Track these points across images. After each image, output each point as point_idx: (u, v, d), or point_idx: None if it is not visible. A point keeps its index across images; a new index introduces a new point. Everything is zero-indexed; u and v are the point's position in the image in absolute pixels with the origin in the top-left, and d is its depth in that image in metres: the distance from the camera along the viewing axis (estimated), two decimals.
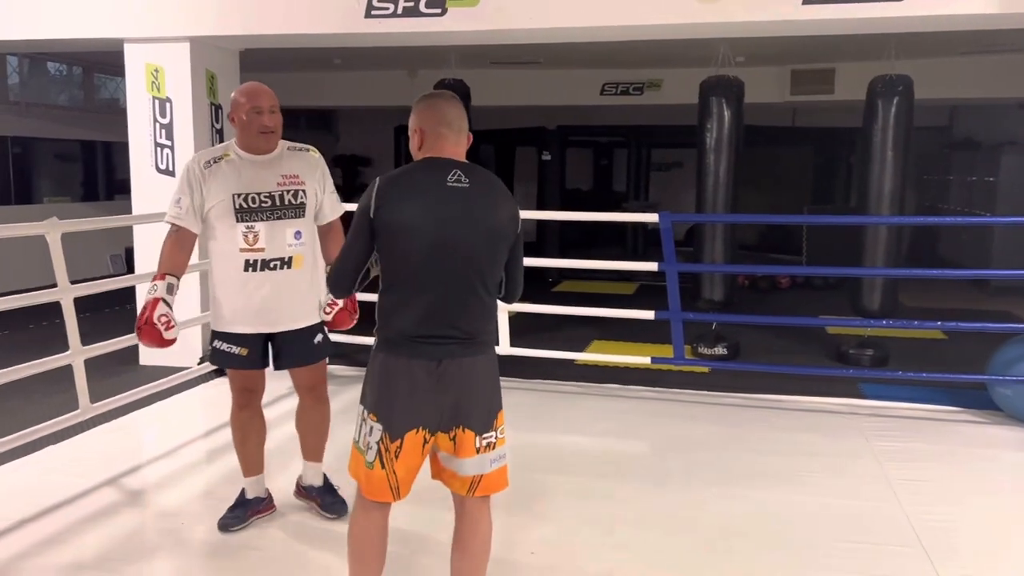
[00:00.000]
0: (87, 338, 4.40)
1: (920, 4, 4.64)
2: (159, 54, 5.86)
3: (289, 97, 12.69)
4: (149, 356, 5.92)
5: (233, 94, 3.17)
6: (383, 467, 2.31)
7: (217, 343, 3.19)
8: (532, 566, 3.12)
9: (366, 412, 2.35)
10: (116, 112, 10.26)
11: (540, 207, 10.81)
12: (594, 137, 13.07)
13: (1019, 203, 9.66)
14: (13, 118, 10.07)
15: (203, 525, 3.49)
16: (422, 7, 5.24)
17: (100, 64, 11.14)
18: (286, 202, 3.13)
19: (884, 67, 6.19)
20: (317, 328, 3.28)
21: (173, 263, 3.03)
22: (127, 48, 5.93)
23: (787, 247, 11.72)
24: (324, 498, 3.48)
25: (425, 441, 2.31)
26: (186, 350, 5.53)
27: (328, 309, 3.26)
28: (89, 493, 3.74)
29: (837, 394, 5.49)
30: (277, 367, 3.26)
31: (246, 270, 3.09)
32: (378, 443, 2.31)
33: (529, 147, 11.79)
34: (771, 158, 13.17)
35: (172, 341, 2.92)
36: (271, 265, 3.10)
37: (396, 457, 2.30)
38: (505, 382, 2.48)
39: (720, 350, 6.44)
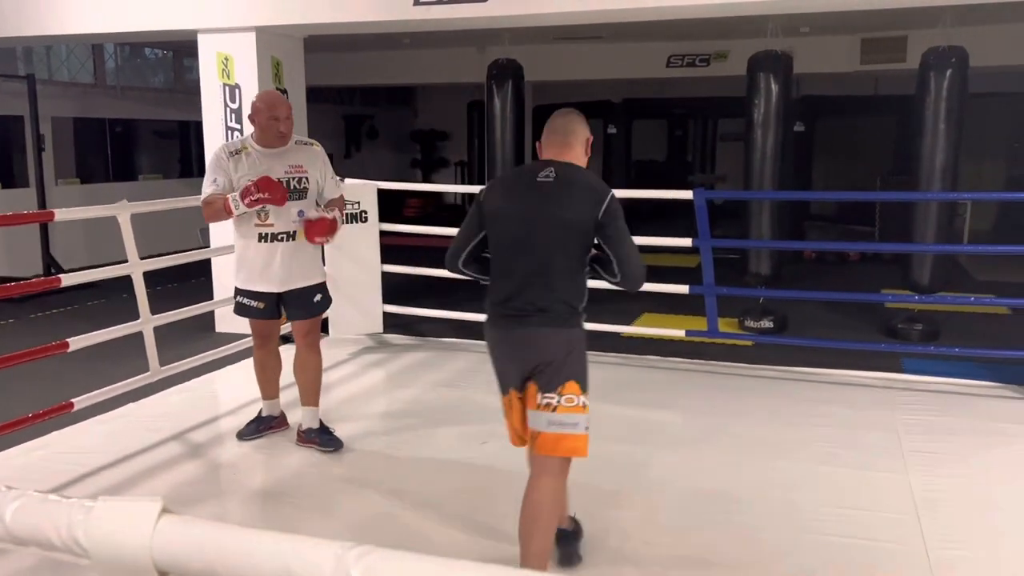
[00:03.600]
0: (171, 305, 5.12)
1: None
2: (228, 43, 6.28)
3: (365, 75, 13.17)
4: (225, 324, 6.43)
5: (255, 101, 3.89)
6: (507, 419, 2.84)
7: (240, 298, 3.95)
8: None
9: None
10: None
11: (605, 180, 10.93)
12: (660, 110, 13.05)
13: None
14: (111, 101, 10.83)
15: (257, 475, 3.92)
16: None
17: (188, 47, 11.82)
18: (291, 187, 3.79)
19: (953, 35, 6.04)
20: (317, 288, 4.01)
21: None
22: (200, 38, 6.39)
23: (864, 219, 11.49)
24: (321, 437, 4.09)
25: (517, 398, 2.74)
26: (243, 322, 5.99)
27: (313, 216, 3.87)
28: (158, 446, 4.20)
29: (878, 368, 5.53)
30: (290, 317, 4.00)
31: (260, 241, 3.80)
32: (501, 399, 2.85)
33: (596, 120, 11.90)
34: (849, 128, 12.88)
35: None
36: (279, 237, 3.81)
37: (509, 409, 2.80)
38: None
39: (766, 323, 6.51)
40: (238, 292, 3.95)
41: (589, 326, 6.22)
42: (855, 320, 6.92)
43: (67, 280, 4.19)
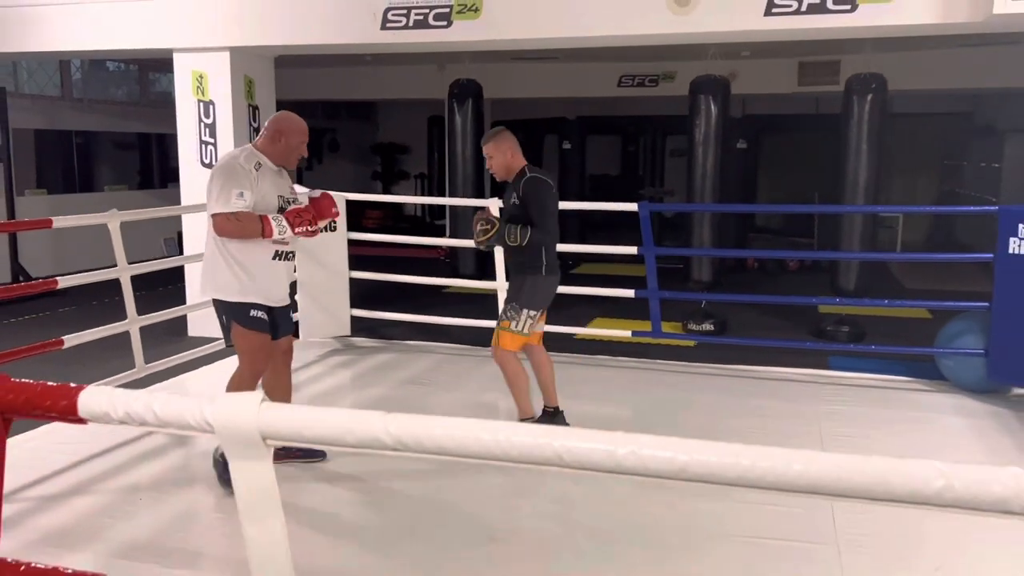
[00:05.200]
0: (142, 311, 5.23)
1: (867, 16, 5.16)
2: (203, 62, 6.64)
3: (328, 90, 13.52)
4: (196, 328, 6.75)
5: (286, 122, 3.82)
6: (527, 333, 4.25)
7: (254, 312, 3.79)
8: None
9: (529, 311, 4.22)
10: (169, 106, 11.15)
11: (561, 193, 11.45)
12: (612, 126, 13.63)
13: (1019, 188, 10.01)
14: (76, 113, 11.05)
15: None
16: (431, 20, 5.92)
17: (154, 61, 12.07)
18: (292, 206, 3.92)
19: (890, 60, 6.67)
20: (292, 307, 4.15)
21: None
22: (176, 57, 6.73)
23: (804, 231, 12.18)
24: (301, 449, 3.97)
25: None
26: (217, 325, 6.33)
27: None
28: (144, 437, 4.53)
29: (808, 366, 6.06)
30: (273, 336, 3.93)
31: (275, 259, 3.80)
32: (532, 320, 4.22)
33: (553, 136, 12.42)
34: (790, 145, 13.59)
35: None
36: (289, 256, 3.89)
37: (535, 322, 4.28)
38: None
39: (708, 326, 7.04)
40: (250, 307, 3.79)
41: (546, 328, 6.70)
42: (790, 324, 7.48)
43: (63, 282, 4.49)
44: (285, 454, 4.06)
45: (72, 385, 1.37)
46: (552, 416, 4.52)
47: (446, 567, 3.21)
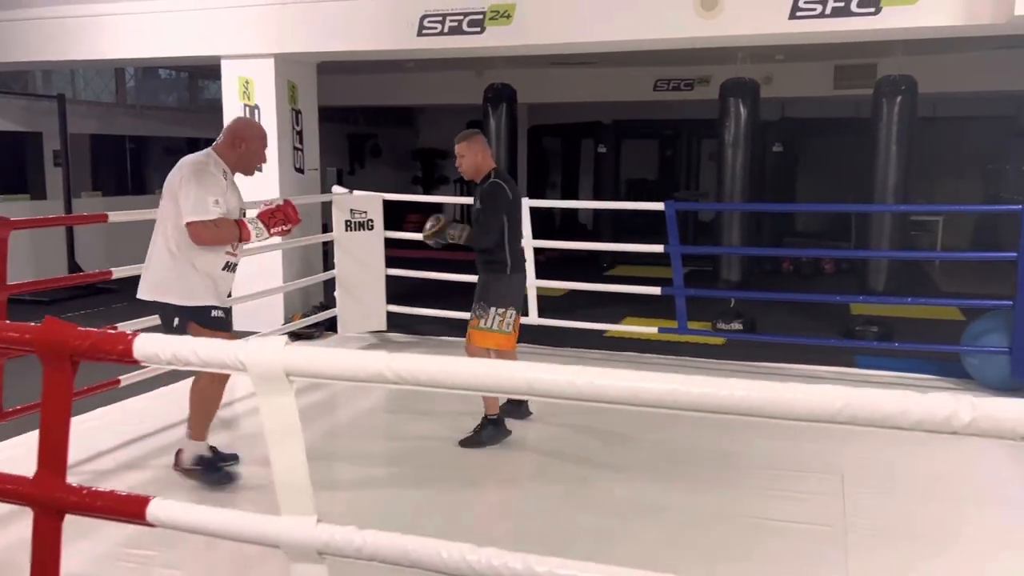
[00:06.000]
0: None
1: (891, 18, 5.25)
2: (249, 68, 6.95)
3: (370, 96, 13.84)
4: (239, 323, 7.05)
5: (244, 128, 3.83)
6: (514, 329, 4.40)
7: (214, 312, 3.74)
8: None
9: (507, 310, 4.36)
10: (216, 112, 11.58)
11: (596, 196, 11.63)
12: (648, 130, 13.73)
13: None
14: (130, 119, 11.52)
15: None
16: (465, 26, 6.14)
17: (203, 69, 12.52)
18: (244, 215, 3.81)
19: (926, 63, 6.73)
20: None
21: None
22: (223, 64, 7.06)
23: (843, 234, 12.16)
24: (205, 460, 3.90)
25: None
26: (259, 319, 6.62)
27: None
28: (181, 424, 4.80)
29: (834, 364, 6.13)
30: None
31: (224, 270, 3.77)
32: (514, 319, 4.38)
33: (589, 140, 12.58)
34: (828, 148, 13.56)
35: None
36: (235, 267, 3.86)
37: (510, 320, 4.37)
38: (539, 348, 3.38)
39: (736, 326, 7.13)
40: (211, 308, 3.74)
41: (577, 324, 6.83)
42: (820, 324, 7.53)
43: (117, 273, 4.76)
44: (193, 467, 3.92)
45: (128, 332, 1.59)
46: (517, 406, 4.75)
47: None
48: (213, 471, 3.70)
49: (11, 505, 3.34)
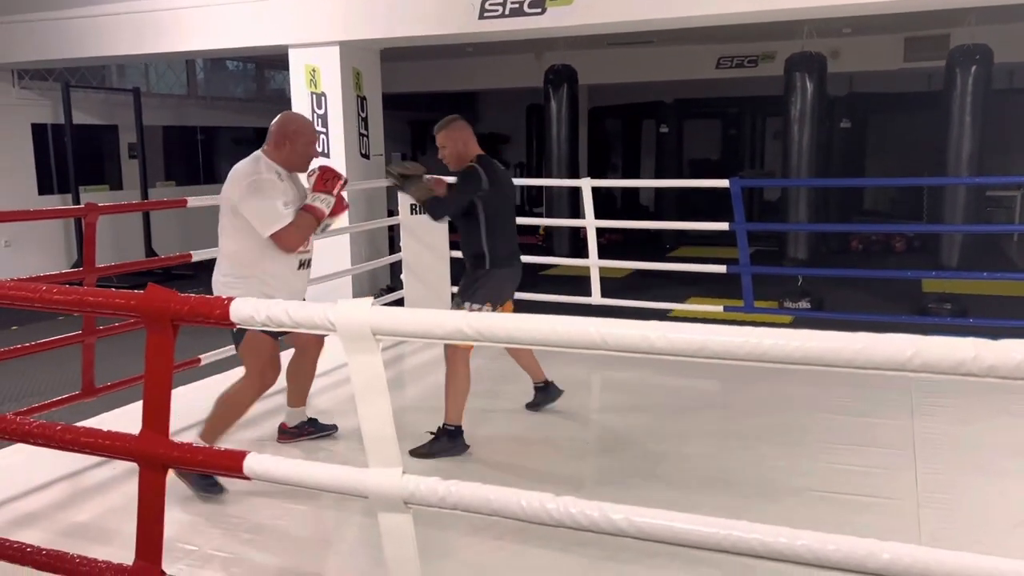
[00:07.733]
0: None
1: None
2: (316, 56, 7.11)
3: (432, 82, 13.96)
4: None
5: (289, 124, 3.63)
6: None
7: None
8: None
9: (483, 307, 3.92)
10: (283, 102, 11.87)
11: (658, 176, 11.56)
12: (711, 109, 13.55)
13: None
14: (201, 110, 11.88)
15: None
16: (526, 7, 6.18)
17: (270, 59, 12.83)
18: None
19: (1001, 31, 6.50)
20: None
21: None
22: (291, 52, 7.24)
23: (915, 212, 11.84)
24: (315, 425, 4.13)
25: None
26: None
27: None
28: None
29: None
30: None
31: (300, 268, 3.65)
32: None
33: (651, 120, 12.49)
34: (899, 123, 13.19)
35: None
36: (309, 263, 3.73)
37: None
38: None
39: (804, 304, 7.05)
40: None
41: (641, 304, 6.85)
42: (891, 303, 7.39)
43: (196, 256, 4.93)
44: (293, 432, 4.10)
45: (224, 297, 1.70)
46: (544, 389, 4.56)
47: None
48: (205, 478, 3.52)
49: (100, 476, 3.56)
